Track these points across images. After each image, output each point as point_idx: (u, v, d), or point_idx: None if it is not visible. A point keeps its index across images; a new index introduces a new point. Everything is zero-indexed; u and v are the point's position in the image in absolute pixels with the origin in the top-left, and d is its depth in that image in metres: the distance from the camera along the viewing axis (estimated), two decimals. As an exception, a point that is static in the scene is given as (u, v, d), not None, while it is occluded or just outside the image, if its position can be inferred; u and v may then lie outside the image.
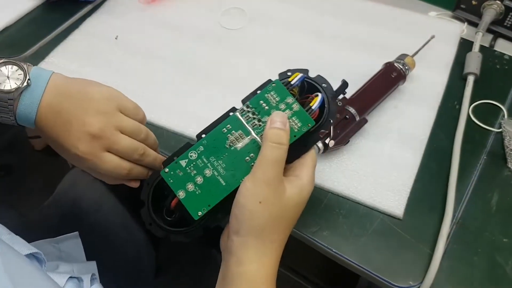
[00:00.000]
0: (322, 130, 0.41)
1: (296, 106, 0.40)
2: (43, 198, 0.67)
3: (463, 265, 0.46)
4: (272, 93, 0.40)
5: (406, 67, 0.58)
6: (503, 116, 0.58)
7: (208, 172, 0.39)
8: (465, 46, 0.65)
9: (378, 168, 0.52)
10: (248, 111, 0.40)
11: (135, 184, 0.47)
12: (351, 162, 0.53)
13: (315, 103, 0.40)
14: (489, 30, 0.67)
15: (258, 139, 0.40)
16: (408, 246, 0.47)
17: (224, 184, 0.39)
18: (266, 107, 0.40)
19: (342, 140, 0.51)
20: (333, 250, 0.47)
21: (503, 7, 0.65)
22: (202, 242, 0.41)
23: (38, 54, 0.67)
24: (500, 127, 0.56)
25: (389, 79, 0.57)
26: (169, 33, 0.70)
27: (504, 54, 0.65)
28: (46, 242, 0.56)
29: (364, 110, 0.54)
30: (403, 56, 0.59)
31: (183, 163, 0.40)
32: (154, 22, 0.72)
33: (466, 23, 0.69)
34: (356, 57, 0.64)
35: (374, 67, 0.59)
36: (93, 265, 0.53)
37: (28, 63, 0.42)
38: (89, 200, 0.63)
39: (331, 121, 0.41)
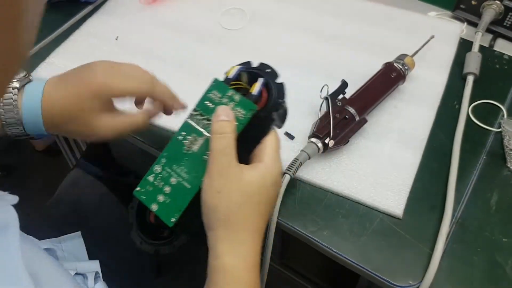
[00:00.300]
0: (274, 112, 0.42)
1: (237, 97, 0.41)
2: (44, 198, 0.67)
3: (463, 264, 0.46)
4: (214, 91, 0.42)
5: (406, 67, 0.58)
6: (503, 116, 0.58)
7: (173, 180, 0.41)
8: (464, 46, 0.65)
9: (378, 168, 0.52)
10: (197, 114, 0.42)
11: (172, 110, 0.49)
12: (351, 162, 0.53)
13: (255, 89, 0.41)
14: (488, 30, 0.67)
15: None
16: (408, 245, 0.47)
17: (189, 187, 0.40)
18: (212, 106, 0.41)
19: (342, 140, 0.51)
20: (333, 249, 0.47)
21: (502, 7, 0.65)
22: (201, 242, 0.41)
23: (38, 55, 0.67)
24: (499, 127, 0.57)
25: (389, 79, 0.57)
26: (169, 33, 0.70)
27: (504, 54, 0.65)
28: (49, 242, 0.56)
29: (364, 110, 0.54)
30: (402, 56, 0.59)
31: (150, 178, 0.41)
32: (154, 23, 0.72)
33: (465, 23, 0.69)
34: (356, 57, 0.64)
35: (374, 67, 0.59)
36: (96, 264, 0.53)
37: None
38: (90, 200, 0.63)
39: (281, 101, 0.42)
